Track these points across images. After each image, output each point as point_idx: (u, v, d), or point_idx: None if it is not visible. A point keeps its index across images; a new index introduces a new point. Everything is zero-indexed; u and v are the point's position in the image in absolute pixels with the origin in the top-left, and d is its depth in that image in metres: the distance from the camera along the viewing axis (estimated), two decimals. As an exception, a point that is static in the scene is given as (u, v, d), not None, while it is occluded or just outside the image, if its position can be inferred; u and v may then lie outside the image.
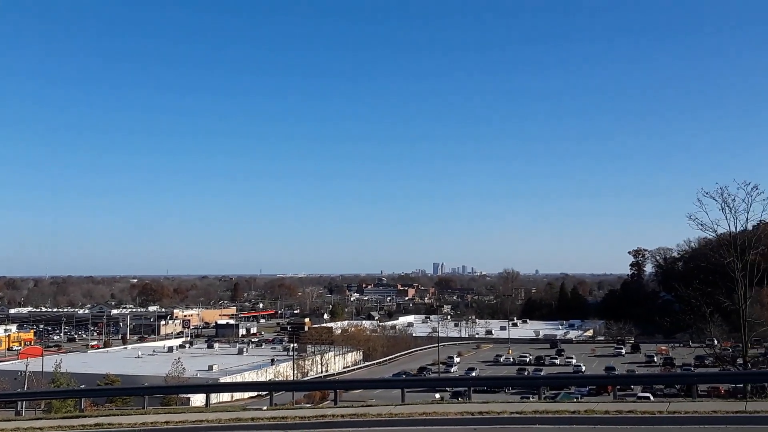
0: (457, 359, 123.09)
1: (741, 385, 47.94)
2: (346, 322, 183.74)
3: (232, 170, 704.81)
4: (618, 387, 49.63)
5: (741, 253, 47.26)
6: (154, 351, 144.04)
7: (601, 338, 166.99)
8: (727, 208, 46.55)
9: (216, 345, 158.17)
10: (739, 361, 59.74)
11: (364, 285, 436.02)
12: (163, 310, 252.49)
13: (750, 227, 49.83)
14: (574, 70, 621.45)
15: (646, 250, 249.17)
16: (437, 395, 63.53)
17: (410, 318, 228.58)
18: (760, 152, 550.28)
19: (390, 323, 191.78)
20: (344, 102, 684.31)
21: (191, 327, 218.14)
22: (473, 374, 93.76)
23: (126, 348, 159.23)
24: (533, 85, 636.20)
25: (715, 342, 66.02)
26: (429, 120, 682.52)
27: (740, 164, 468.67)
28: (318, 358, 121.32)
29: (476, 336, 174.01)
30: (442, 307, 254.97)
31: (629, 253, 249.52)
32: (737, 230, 48.39)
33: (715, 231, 49.34)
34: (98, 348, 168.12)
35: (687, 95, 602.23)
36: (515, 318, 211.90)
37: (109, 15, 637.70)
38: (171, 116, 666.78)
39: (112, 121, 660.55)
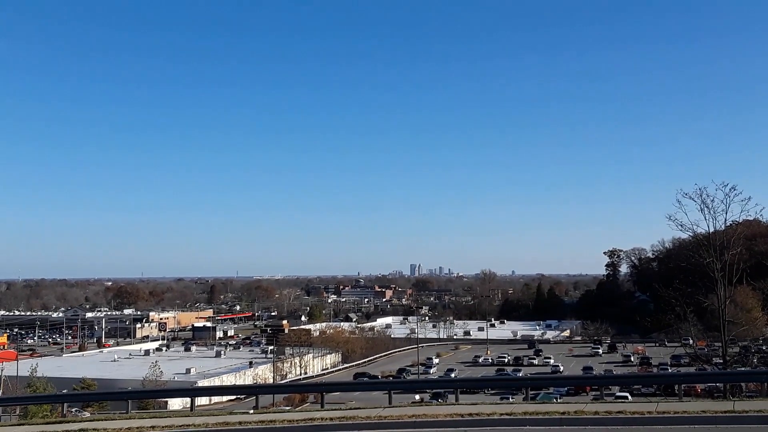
0: (436, 360, 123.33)
1: (719, 385, 48.60)
2: (324, 324, 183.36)
3: (208, 171, 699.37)
4: (596, 387, 49.84)
5: (720, 253, 47.60)
6: (130, 354, 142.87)
7: (578, 338, 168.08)
8: (706, 208, 46.94)
9: (193, 348, 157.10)
10: (717, 360, 60.41)
11: (341, 286, 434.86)
12: (139, 313, 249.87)
13: (727, 227, 50.30)
14: (557, 78, 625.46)
15: (620, 251, 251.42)
16: (417, 396, 63.66)
17: (388, 319, 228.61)
18: (736, 153, 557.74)
19: (368, 325, 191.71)
20: (327, 109, 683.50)
21: (168, 330, 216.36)
22: (453, 375, 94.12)
23: (102, 351, 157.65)
24: (511, 92, 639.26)
25: (690, 341, 66.69)
26: (406, 127, 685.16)
27: (713, 166, 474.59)
28: (297, 360, 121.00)
29: (454, 337, 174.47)
30: (420, 308, 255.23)
31: (604, 253, 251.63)
32: (716, 230, 48.82)
33: (694, 231, 49.68)
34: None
35: (662, 98, 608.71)
36: (493, 319, 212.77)
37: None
38: (145, 112, 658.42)
39: (85, 118, 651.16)
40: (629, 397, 51.77)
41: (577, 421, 24.74)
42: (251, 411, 33.05)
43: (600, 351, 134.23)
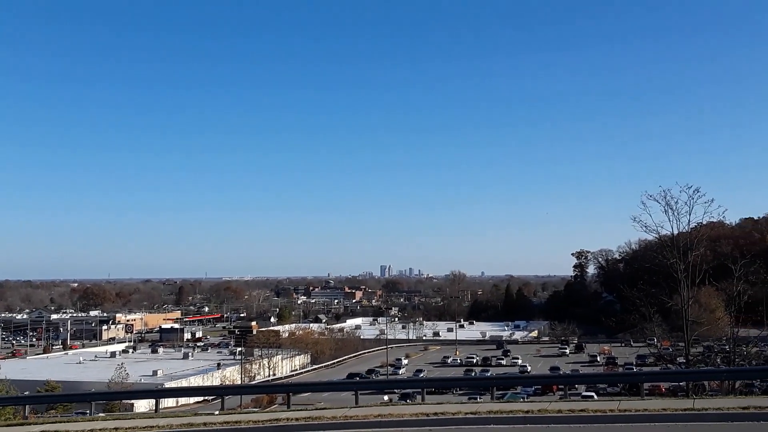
0: (405, 361, 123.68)
1: (682, 384, 49.35)
2: (293, 325, 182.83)
3: (174, 171, 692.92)
4: (563, 386, 50.38)
5: (683, 254, 48.18)
6: (96, 356, 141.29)
7: (546, 339, 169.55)
8: (670, 210, 47.40)
9: (160, 350, 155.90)
10: (681, 359, 61.34)
11: (311, 288, 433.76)
12: (105, 314, 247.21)
13: (691, 229, 50.93)
14: (517, 77, 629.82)
15: (588, 252, 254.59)
16: (386, 397, 63.76)
17: (358, 320, 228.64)
18: (699, 155, 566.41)
19: (338, 326, 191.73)
20: (299, 108, 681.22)
21: (135, 332, 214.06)
22: (421, 376, 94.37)
23: (67, 353, 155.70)
24: (474, 93, 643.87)
25: (655, 341, 67.59)
26: (380, 128, 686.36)
27: (679, 168, 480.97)
28: (265, 361, 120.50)
29: (424, 338, 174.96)
30: (390, 309, 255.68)
31: (572, 254, 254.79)
32: (680, 232, 49.41)
33: (659, 233, 50.24)
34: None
35: (628, 99, 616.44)
36: (462, 319, 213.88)
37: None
38: (108, 112, 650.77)
39: (48, 116, 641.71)
40: (595, 397, 52.38)
41: (541, 419, 24.99)
42: (216, 412, 32.84)
43: (567, 351, 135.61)
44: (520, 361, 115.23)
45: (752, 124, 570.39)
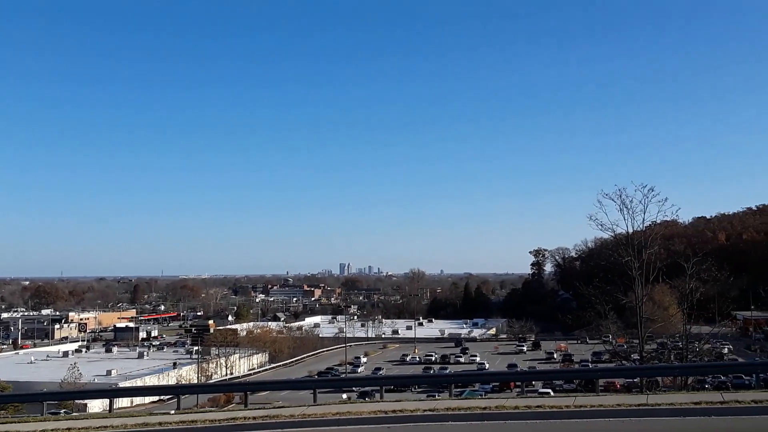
0: (364, 359, 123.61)
1: (636, 380, 50.18)
2: (251, 324, 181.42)
3: (129, 167, 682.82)
4: (521, 383, 50.91)
5: (638, 252, 48.90)
6: (48, 356, 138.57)
7: (504, 336, 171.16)
8: (625, 209, 48.04)
9: (115, 349, 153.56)
10: (635, 356, 62.37)
11: (269, 286, 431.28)
12: (58, 313, 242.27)
13: (645, 228, 51.69)
14: (473, 75, 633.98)
15: (545, 250, 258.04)
16: (344, 395, 63.69)
17: (317, 319, 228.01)
18: (656, 154, 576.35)
19: (296, 324, 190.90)
20: (251, 105, 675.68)
21: (88, 331, 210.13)
22: (381, 373, 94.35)
23: (17, 353, 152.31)
24: (426, 90, 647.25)
25: (610, 338, 68.48)
26: (332, 126, 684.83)
27: (636, 166, 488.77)
28: (223, 360, 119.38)
29: (383, 336, 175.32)
30: (349, 307, 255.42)
31: (530, 253, 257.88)
32: (634, 230, 50.14)
33: (614, 231, 50.89)
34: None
35: (586, 96, 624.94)
36: (421, 317, 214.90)
37: None
38: (61, 109, 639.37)
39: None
40: (551, 393, 52.96)
41: (498, 416, 25.13)
42: (172, 412, 32.39)
43: (524, 348, 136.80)
44: (478, 359, 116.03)
45: (707, 124, 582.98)
